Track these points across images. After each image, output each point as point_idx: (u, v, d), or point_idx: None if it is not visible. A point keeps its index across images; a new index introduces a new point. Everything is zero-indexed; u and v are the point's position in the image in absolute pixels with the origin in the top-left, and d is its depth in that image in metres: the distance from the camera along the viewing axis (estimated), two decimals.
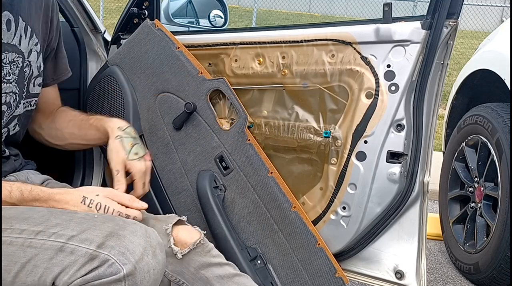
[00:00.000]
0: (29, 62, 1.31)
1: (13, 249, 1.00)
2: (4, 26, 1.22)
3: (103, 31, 1.91)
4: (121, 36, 1.77)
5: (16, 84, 1.28)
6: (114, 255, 0.95)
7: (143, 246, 1.00)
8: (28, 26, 1.29)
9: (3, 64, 1.23)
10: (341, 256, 1.54)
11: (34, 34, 1.31)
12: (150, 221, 1.32)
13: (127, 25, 1.75)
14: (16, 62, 1.27)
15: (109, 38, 1.86)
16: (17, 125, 1.35)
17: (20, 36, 1.27)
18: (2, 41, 1.21)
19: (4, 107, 1.27)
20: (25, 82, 1.32)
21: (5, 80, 1.25)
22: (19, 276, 0.99)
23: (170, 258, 1.28)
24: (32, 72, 1.34)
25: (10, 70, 1.26)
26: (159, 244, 1.07)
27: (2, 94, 1.25)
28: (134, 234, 1.00)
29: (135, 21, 1.73)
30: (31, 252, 0.99)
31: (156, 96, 1.65)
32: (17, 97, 1.30)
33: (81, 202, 1.12)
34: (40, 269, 0.97)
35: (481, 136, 2.50)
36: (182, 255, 1.28)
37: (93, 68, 1.87)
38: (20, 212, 1.06)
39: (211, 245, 1.36)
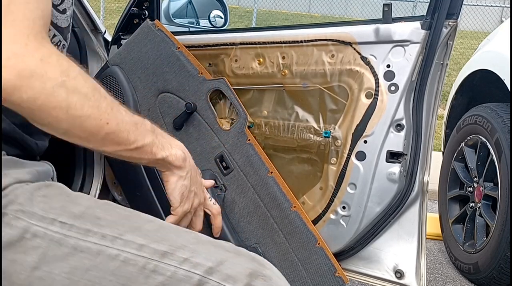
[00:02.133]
0: (65, 43, 1.15)
1: (131, 270, 0.78)
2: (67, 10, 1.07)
3: (103, 32, 1.91)
4: (122, 37, 1.77)
5: None
6: None
7: None
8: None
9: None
10: (341, 255, 1.54)
11: (69, 13, 1.13)
12: None
13: (127, 25, 1.75)
14: (60, 43, 1.11)
15: (109, 38, 1.86)
16: None
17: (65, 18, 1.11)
18: (56, 23, 1.05)
19: None
20: None
21: None
22: None
23: None
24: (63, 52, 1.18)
25: None
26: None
27: None
28: (278, 277, 0.84)
29: (135, 22, 1.73)
30: (158, 280, 0.78)
31: (157, 96, 1.65)
32: None
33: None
34: None
35: (480, 137, 2.50)
36: None
37: (93, 69, 1.88)
38: (124, 217, 0.86)
39: None
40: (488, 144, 2.43)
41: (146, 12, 1.73)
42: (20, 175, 0.86)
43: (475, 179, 2.56)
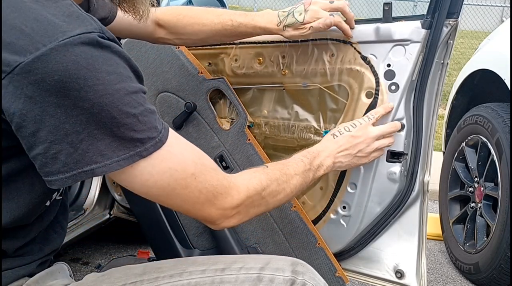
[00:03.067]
0: None
1: None
2: None
3: None
4: None
5: None
6: (308, 279, 0.98)
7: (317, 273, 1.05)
8: None
9: None
10: (341, 255, 1.54)
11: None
12: None
13: None
14: None
15: None
16: None
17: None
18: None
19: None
20: None
21: None
22: None
23: None
24: None
25: None
26: None
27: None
28: (308, 264, 1.05)
29: None
30: None
31: (156, 96, 1.65)
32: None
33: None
34: None
35: (481, 136, 2.50)
36: None
37: None
38: (178, 261, 1.03)
39: None
40: (488, 143, 2.43)
41: None
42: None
43: (476, 179, 2.56)
